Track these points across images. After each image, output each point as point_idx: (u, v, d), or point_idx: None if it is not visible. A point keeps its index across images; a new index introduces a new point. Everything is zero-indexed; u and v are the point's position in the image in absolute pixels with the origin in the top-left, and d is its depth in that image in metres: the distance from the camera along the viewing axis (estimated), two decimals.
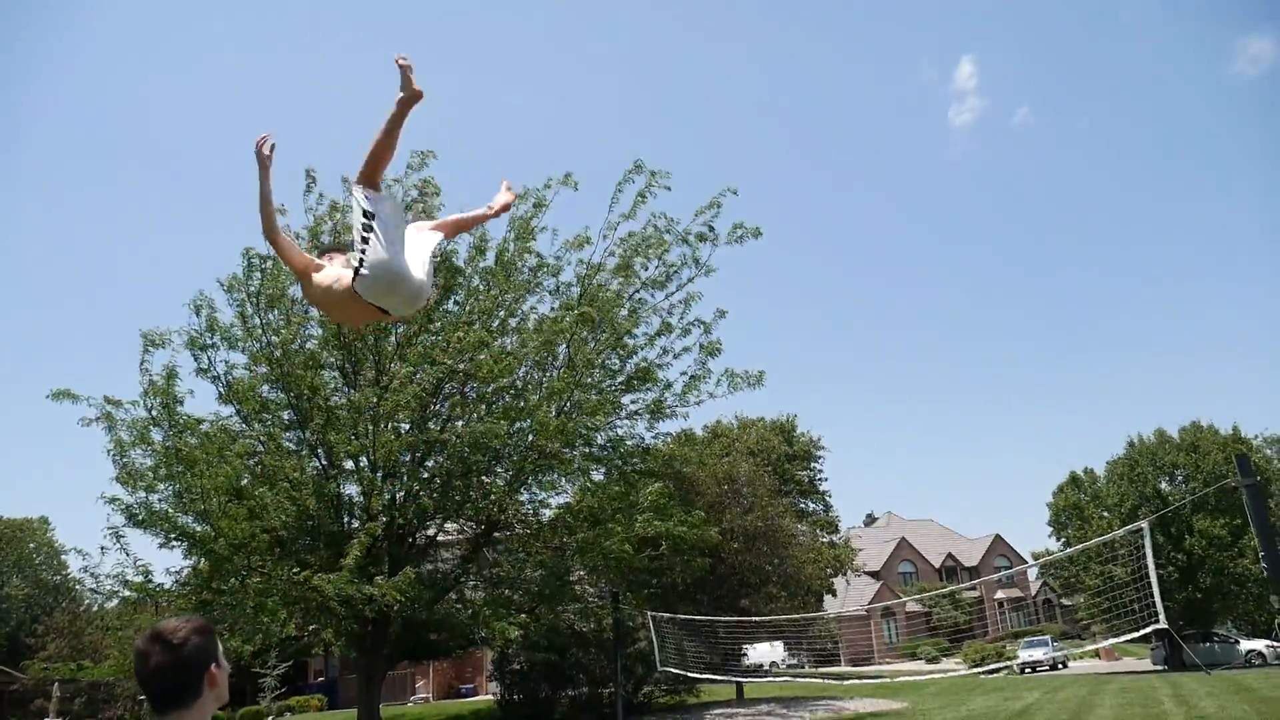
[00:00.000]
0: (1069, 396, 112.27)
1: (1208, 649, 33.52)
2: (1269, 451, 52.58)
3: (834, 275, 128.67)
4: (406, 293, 3.77)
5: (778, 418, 48.83)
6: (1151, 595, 9.66)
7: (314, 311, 19.49)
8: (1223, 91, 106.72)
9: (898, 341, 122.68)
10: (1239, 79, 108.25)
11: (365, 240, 3.57)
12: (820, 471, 49.17)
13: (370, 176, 3.65)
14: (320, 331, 19.46)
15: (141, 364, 17.94)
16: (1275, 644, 29.90)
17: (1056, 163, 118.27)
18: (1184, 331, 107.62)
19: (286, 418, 19.18)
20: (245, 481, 17.40)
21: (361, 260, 3.58)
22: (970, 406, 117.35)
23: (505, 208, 4.43)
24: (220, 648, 2.15)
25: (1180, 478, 37.66)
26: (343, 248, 4.15)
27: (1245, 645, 33.42)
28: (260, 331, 18.77)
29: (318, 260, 3.99)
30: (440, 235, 4.18)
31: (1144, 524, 9.50)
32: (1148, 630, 10.27)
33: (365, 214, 3.59)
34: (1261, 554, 8.38)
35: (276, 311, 18.81)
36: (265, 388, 18.70)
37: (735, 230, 17.88)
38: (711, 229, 18.64)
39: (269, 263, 19.08)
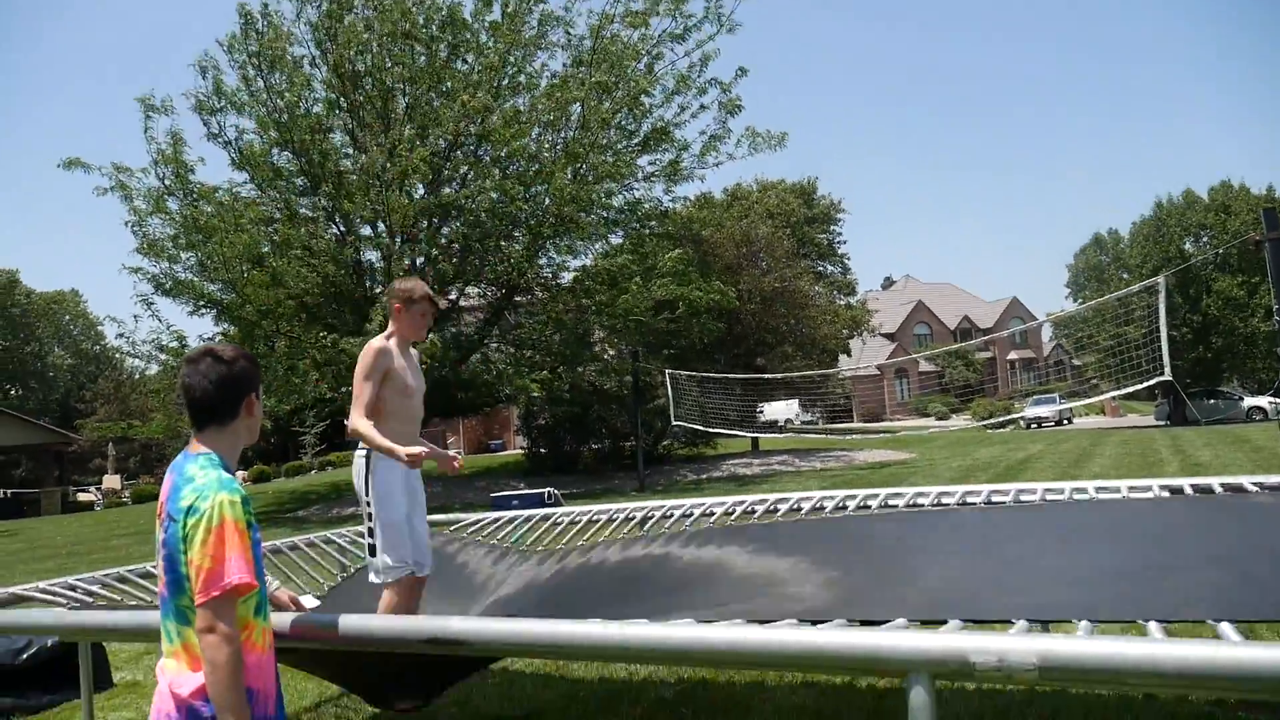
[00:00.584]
0: (1095, 160, 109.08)
1: (1211, 405, 34.41)
2: None
3: (858, 34, 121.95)
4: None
5: (798, 180, 47.99)
6: (1160, 349, 9.83)
7: (316, 73, 18.91)
8: None
9: (922, 102, 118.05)
10: None
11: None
12: (839, 234, 48.88)
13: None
14: (325, 94, 18.96)
15: (145, 131, 17.70)
16: (1277, 400, 30.65)
17: None
18: (1220, 91, 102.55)
19: (300, 184, 19.09)
20: (266, 249, 17.60)
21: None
22: (992, 169, 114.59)
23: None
24: (260, 386, 2.23)
25: (1206, 238, 37.21)
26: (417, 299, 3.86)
27: (1248, 402, 34.26)
28: (265, 95, 18.29)
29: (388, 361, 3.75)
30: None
31: (1160, 279, 9.52)
32: (1153, 382, 10.53)
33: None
34: (1275, 309, 8.41)
35: (279, 73, 18.22)
36: (275, 153, 18.48)
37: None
38: None
39: (265, 22, 18.31)
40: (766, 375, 20.77)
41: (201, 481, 2.00)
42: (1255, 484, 3.84)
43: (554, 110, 18.32)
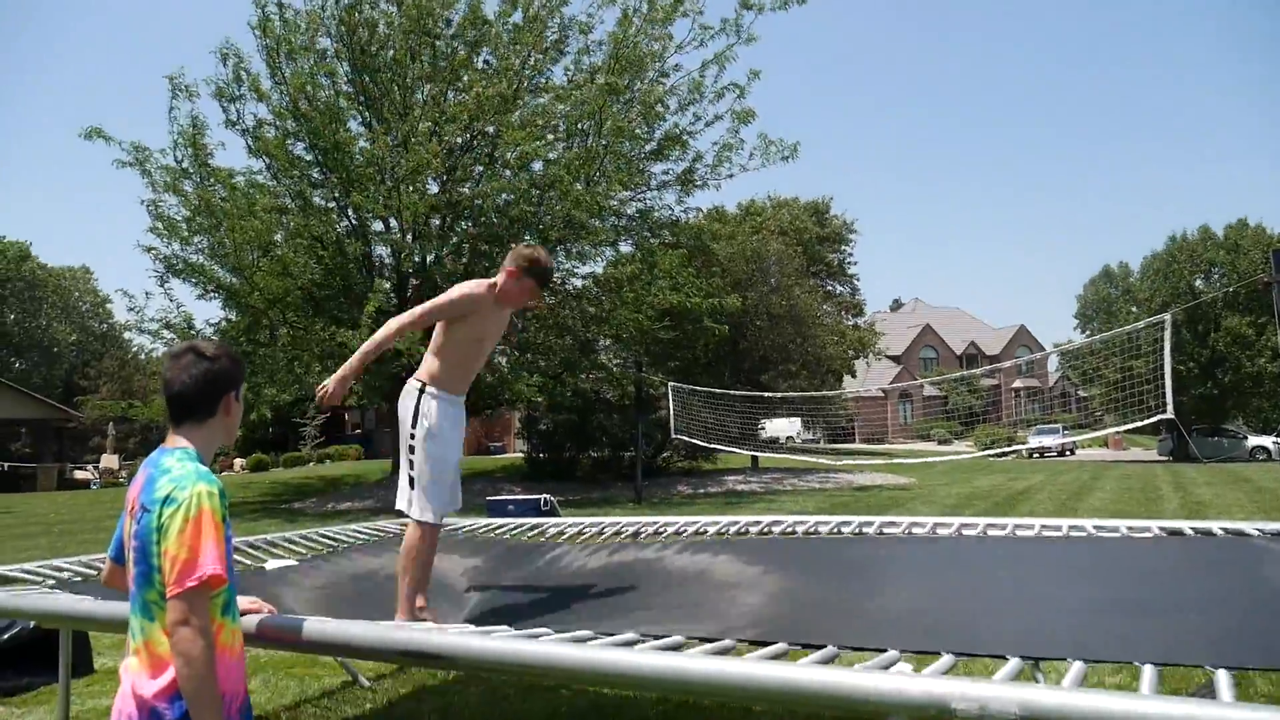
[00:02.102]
0: (1109, 191, 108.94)
1: (1215, 442, 34.30)
2: None
3: (877, 55, 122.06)
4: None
5: (813, 199, 48.07)
6: (1164, 387, 9.78)
7: (334, 64, 18.99)
8: None
9: (938, 127, 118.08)
10: None
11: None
12: (850, 255, 48.97)
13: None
14: (344, 86, 19.04)
15: (170, 111, 17.78)
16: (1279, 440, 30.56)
17: None
18: (1240, 132, 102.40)
19: (315, 176, 19.13)
20: (278, 237, 17.63)
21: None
22: (1006, 196, 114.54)
23: None
24: (243, 388, 2.19)
25: (1217, 275, 37.09)
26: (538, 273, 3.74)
27: (1252, 441, 34.15)
28: (285, 84, 18.37)
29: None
30: None
31: (1166, 316, 9.48)
32: (1155, 419, 10.47)
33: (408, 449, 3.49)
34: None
35: (299, 62, 18.28)
36: (292, 142, 18.54)
37: None
38: (756, 6, 17.64)
39: (287, 10, 18.39)
40: (769, 394, 20.69)
41: (179, 473, 1.96)
42: (1257, 529, 3.79)
43: (568, 118, 18.36)
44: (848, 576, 3.48)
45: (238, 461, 35.27)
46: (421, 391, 3.51)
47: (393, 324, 3.52)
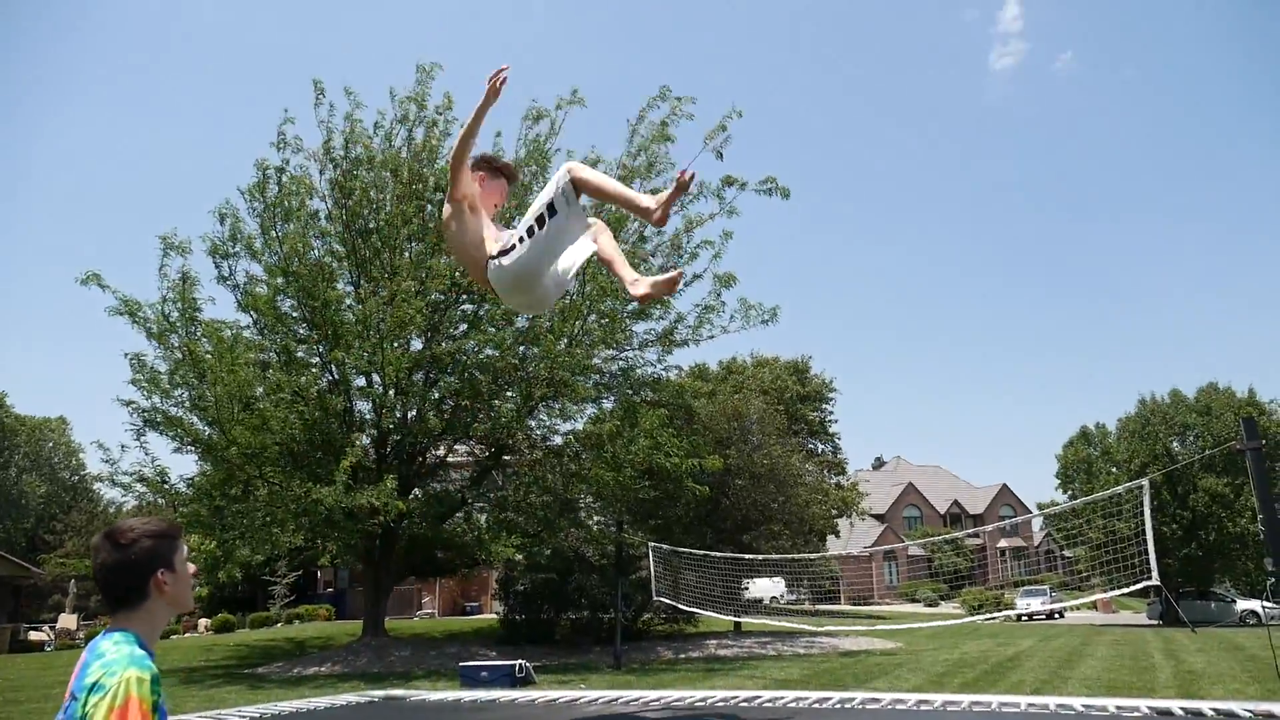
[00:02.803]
0: (1085, 351, 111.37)
1: (1204, 606, 33.79)
2: None
3: (858, 217, 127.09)
4: (529, 302, 3.89)
5: (793, 358, 48.88)
6: (1147, 552, 9.70)
7: (326, 224, 19.58)
8: (1274, 46, 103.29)
9: (919, 288, 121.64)
10: None
11: (528, 233, 3.49)
12: (831, 413, 49.37)
13: (575, 174, 3.53)
14: (335, 245, 19.58)
15: (160, 268, 18.10)
16: (1269, 605, 30.11)
17: (1096, 112, 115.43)
18: (1208, 291, 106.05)
19: (300, 331, 19.39)
20: (259, 391, 17.66)
21: (512, 248, 3.56)
22: (984, 356, 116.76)
23: (661, 217, 3.72)
24: (180, 553, 2.09)
25: (1191, 438, 37.52)
26: (506, 172, 4.09)
27: (1241, 605, 33.67)
28: (277, 244, 18.86)
29: (476, 187, 3.87)
30: (594, 248, 3.76)
31: (1144, 481, 9.50)
32: (1141, 585, 10.33)
33: (550, 207, 3.49)
34: (1260, 518, 8.38)
35: (292, 223, 18.86)
36: (280, 299, 18.88)
37: (765, 183, 17.50)
38: (739, 183, 18.34)
39: (285, 175, 19.11)
40: (751, 556, 20.37)
41: (111, 657, 1.88)
42: (1247, 710, 3.69)
43: None
44: None
45: (202, 622, 34.02)
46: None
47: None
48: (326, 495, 16.02)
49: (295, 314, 19.34)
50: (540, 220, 3.45)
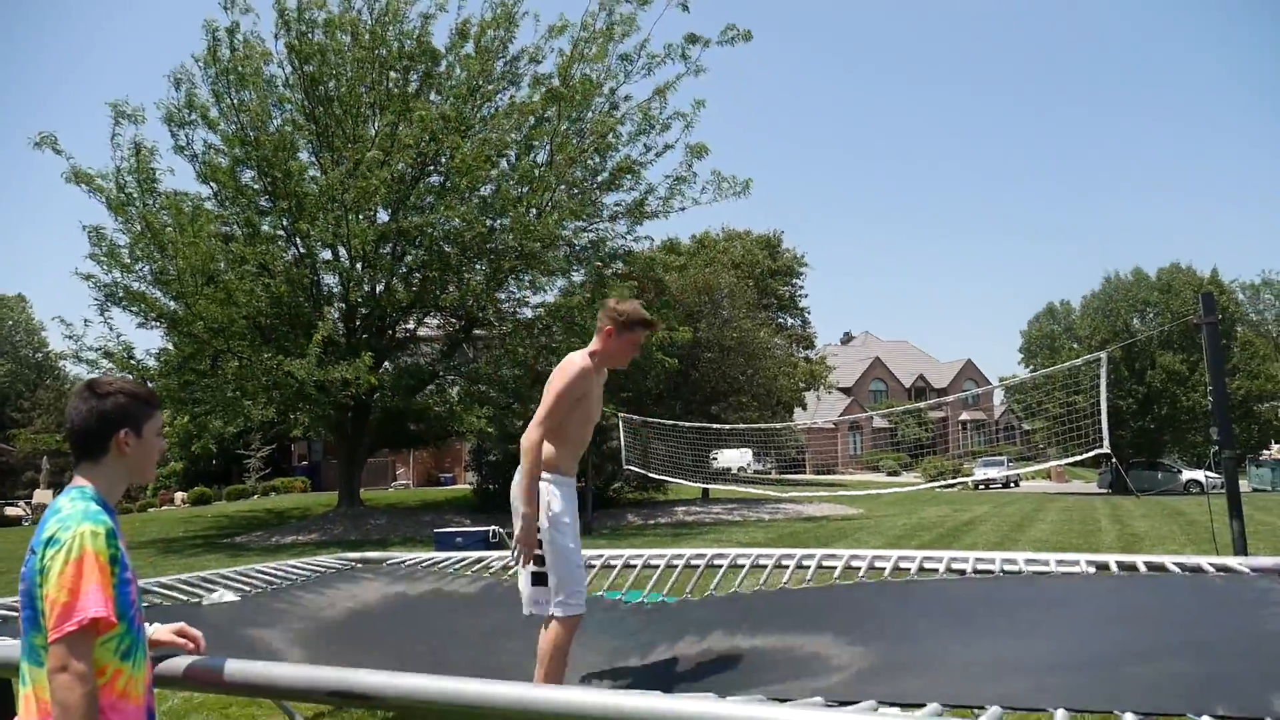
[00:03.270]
0: (1052, 230, 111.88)
1: (1152, 475, 35.22)
2: (1241, 296, 53.50)
3: (824, 94, 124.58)
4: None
5: (765, 233, 48.64)
6: (1101, 423, 10.02)
7: (285, 91, 18.89)
8: None
9: (887, 164, 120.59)
10: None
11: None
12: (802, 288, 49.53)
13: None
14: (294, 114, 18.97)
15: (113, 138, 17.49)
16: (1211, 474, 31.42)
17: None
18: (1177, 175, 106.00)
19: (263, 203, 18.96)
20: (221, 264, 17.39)
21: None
22: (954, 233, 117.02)
23: None
24: (152, 422, 2.09)
25: (1152, 315, 38.27)
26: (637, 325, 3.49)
27: (1186, 475, 35.12)
28: (233, 112, 18.22)
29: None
30: None
31: (1102, 355, 9.72)
32: (1092, 454, 10.71)
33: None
34: (1209, 389, 8.66)
35: (249, 91, 18.17)
36: (241, 169, 18.37)
37: (726, 32, 17.17)
38: (703, 40, 17.96)
39: (236, 37, 18.31)
40: (717, 426, 20.79)
41: (67, 512, 1.90)
42: (1176, 564, 3.90)
43: (520, 145, 18.48)
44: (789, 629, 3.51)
45: (179, 495, 34.42)
46: (551, 485, 3.32)
47: (531, 447, 3.28)
48: (298, 368, 16.02)
49: (256, 185, 18.87)
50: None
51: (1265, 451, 37.67)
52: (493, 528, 13.56)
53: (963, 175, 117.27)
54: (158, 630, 2.32)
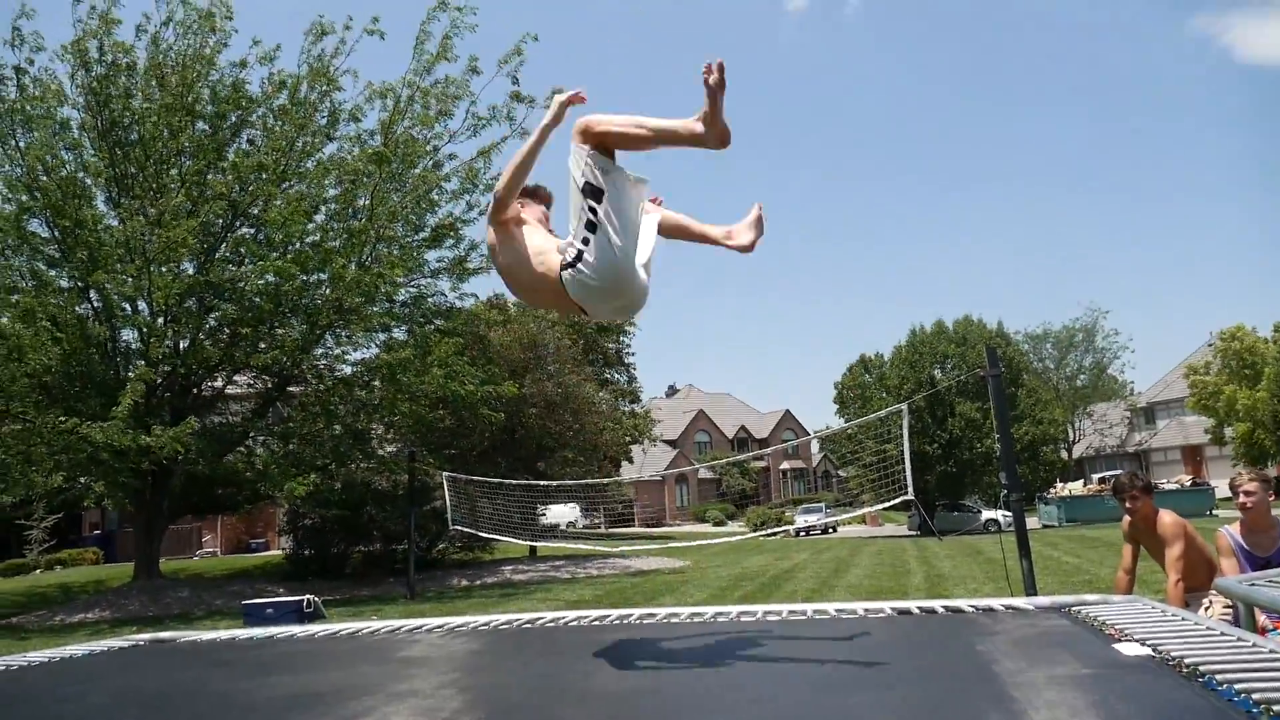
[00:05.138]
0: (864, 285, 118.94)
1: (956, 516, 37.70)
2: (1026, 346, 58.68)
3: (651, 161, 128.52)
4: (627, 301, 3.03)
5: None
6: (904, 471, 10.66)
7: (80, 136, 17.72)
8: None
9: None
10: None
11: (591, 229, 2.79)
12: (628, 345, 50.37)
13: (591, 132, 2.77)
14: (89, 158, 17.78)
15: None
16: (1006, 514, 33.98)
17: (884, 55, 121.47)
18: (967, 232, 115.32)
19: (53, 252, 17.57)
20: (4, 319, 15.96)
21: (580, 254, 2.82)
22: (773, 286, 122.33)
23: (746, 247, 3.27)
24: None
25: (950, 365, 41.26)
26: (540, 195, 3.34)
27: (985, 514, 37.82)
28: (19, 155, 16.89)
29: (517, 207, 3.17)
30: (659, 214, 3.15)
31: (903, 406, 10.40)
32: (897, 501, 11.36)
33: (590, 190, 2.76)
34: (997, 435, 9.42)
35: (36, 132, 16.91)
36: (27, 218, 16.96)
37: (552, 95, 17.57)
38: (528, 99, 18.35)
39: (26, 76, 17.09)
40: (544, 483, 20.69)
41: None
42: (970, 606, 4.18)
43: (339, 200, 18.05)
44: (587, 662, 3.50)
45: None
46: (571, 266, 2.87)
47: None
48: (96, 432, 14.80)
49: (44, 233, 17.49)
50: (593, 213, 2.76)
51: (1052, 489, 41.05)
52: (307, 596, 12.87)
53: (777, 232, 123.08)
54: None
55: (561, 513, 37.33)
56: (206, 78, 17.96)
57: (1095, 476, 45.43)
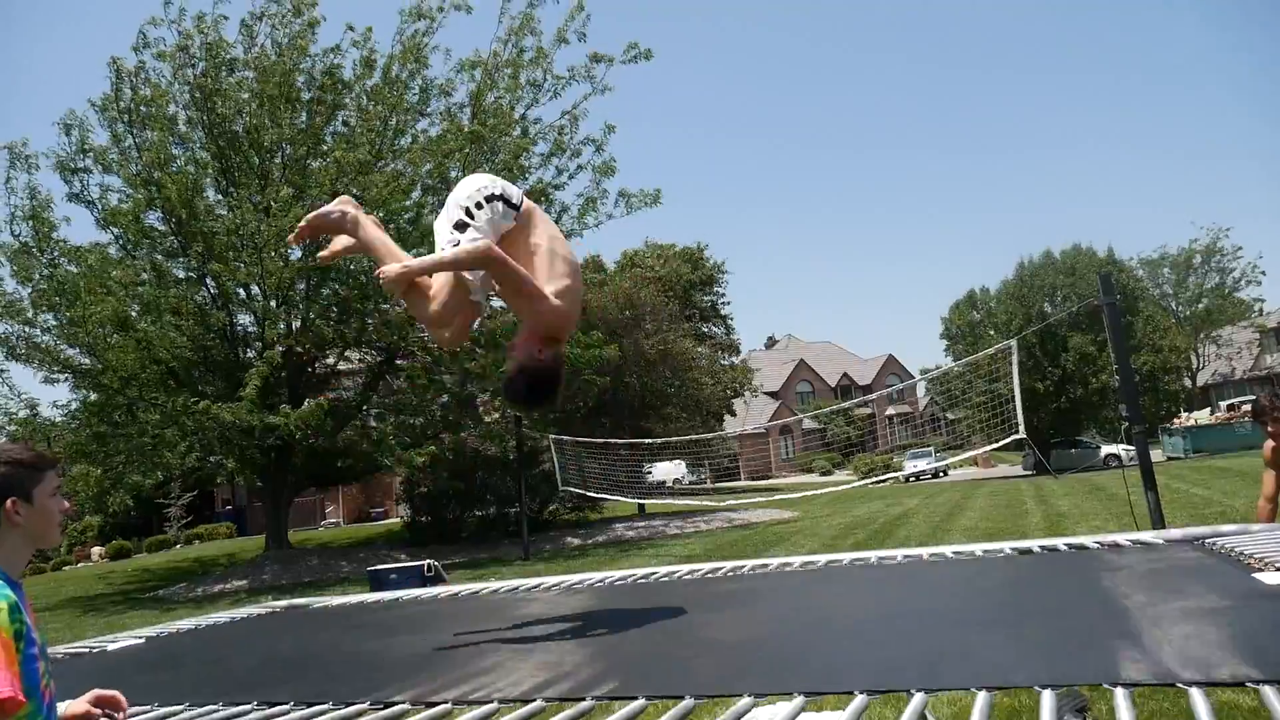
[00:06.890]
0: (967, 218, 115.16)
1: (1074, 453, 36.39)
2: (1141, 272, 55.79)
3: (736, 98, 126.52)
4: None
5: (687, 245, 49.06)
6: (1015, 409, 10.35)
7: (191, 132, 18.43)
8: None
9: (801, 166, 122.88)
10: None
11: (461, 229, 3.22)
12: (723, 296, 50.10)
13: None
14: (198, 153, 18.52)
15: (7, 181, 16.88)
16: (1127, 448, 32.64)
17: None
18: (1073, 153, 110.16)
19: (171, 244, 18.45)
20: (134, 312, 16.86)
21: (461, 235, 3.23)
22: (871, 225, 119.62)
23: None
24: (43, 485, 2.00)
25: (1060, 298, 39.64)
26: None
27: (1105, 449, 36.39)
28: (136, 153, 17.71)
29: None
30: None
31: (1011, 343, 10.07)
32: (1009, 440, 11.05)
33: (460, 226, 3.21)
34: (1115, 367, 9.04)
35: (151, 131, 17.68)
36: (145, 213, 17.84)
37: (629, 50, 17.42)
38: (606, 58, 18.27)
39: (140, 78, 17.85)
40: (649, 441, 20.86)
41: None
42: (1096, 542, 4.04)
43: (433, 175, 18.33)
44: (708, 613, 3.52)
45: (95, 550, 33.09)
46: None
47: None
48: (225, 412, 15.57)
49: (163, 227, 18.36)
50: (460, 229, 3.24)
51: (1175, 420, 39.23)
52: (428, 561, 13.36)
53: (874, 172, 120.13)
54: (71, 706, 2.22)
55: (667, 469, 37.68)
56: (300, 66, 18.43)
57: (1223, 404, 43.10)
